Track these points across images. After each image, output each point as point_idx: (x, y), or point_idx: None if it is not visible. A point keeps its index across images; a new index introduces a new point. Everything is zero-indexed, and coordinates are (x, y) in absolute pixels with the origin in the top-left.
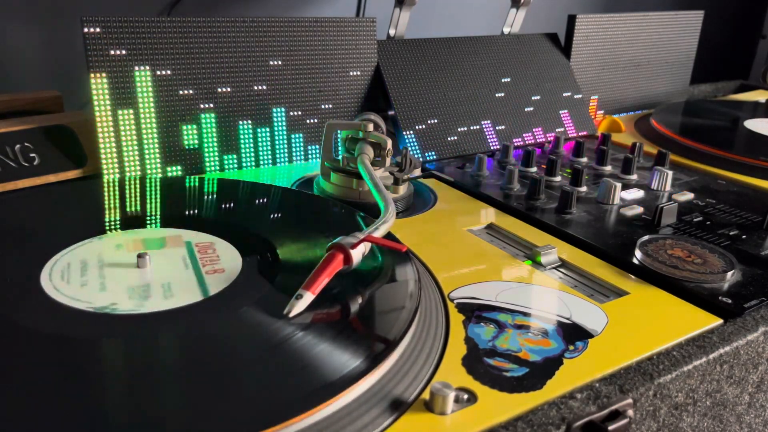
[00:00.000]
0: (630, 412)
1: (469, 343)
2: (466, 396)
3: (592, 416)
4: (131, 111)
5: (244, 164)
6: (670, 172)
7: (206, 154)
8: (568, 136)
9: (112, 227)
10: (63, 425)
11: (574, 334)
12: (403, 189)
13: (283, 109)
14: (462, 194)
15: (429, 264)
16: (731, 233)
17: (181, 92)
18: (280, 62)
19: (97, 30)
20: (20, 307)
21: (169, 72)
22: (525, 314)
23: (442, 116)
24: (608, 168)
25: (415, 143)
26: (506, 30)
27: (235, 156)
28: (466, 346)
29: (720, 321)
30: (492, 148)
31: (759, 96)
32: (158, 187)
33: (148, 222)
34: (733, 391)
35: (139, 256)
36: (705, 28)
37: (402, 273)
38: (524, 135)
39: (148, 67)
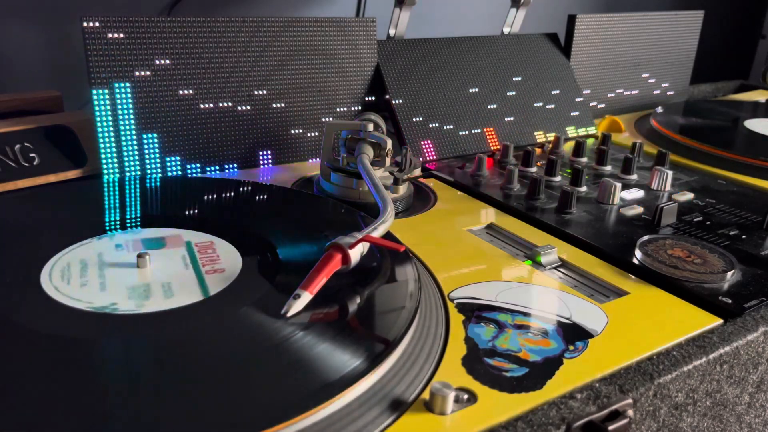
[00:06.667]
0: (630, 412)
1: (469, 343)
2: (466, 396)
3: (592, 416)
4: (131, 111)
5: (244, 164)
6: (670, 172)
7: (206, 154)
8: (568, 136)
9: (112, 227)
10: (63, 425)
11: (574, 334)
12: (403, 189)
13: (283, 109)
14: (462, 194)
15: (429, 264)
16: (731, 233)
17: (181, 92)
18: (280, 62)
19: (97, 30)
20: (20, 307)
21: (169, 72)
22: (525, 314)
23: (442, 116)
24: (608, 168)
25: (415, 143)
26: (506, 30)
27: (235, 156)
28: (466, 346)
29: (720, 321)
30: (492, 148)
31: (759, 96)
32: (158, 187)
33: (148, 222)
34: (733, 391)
35: (139, 255)
36: (705, 28)
37: (402, 273)
38: (524, 135)
39: (148, 67)
